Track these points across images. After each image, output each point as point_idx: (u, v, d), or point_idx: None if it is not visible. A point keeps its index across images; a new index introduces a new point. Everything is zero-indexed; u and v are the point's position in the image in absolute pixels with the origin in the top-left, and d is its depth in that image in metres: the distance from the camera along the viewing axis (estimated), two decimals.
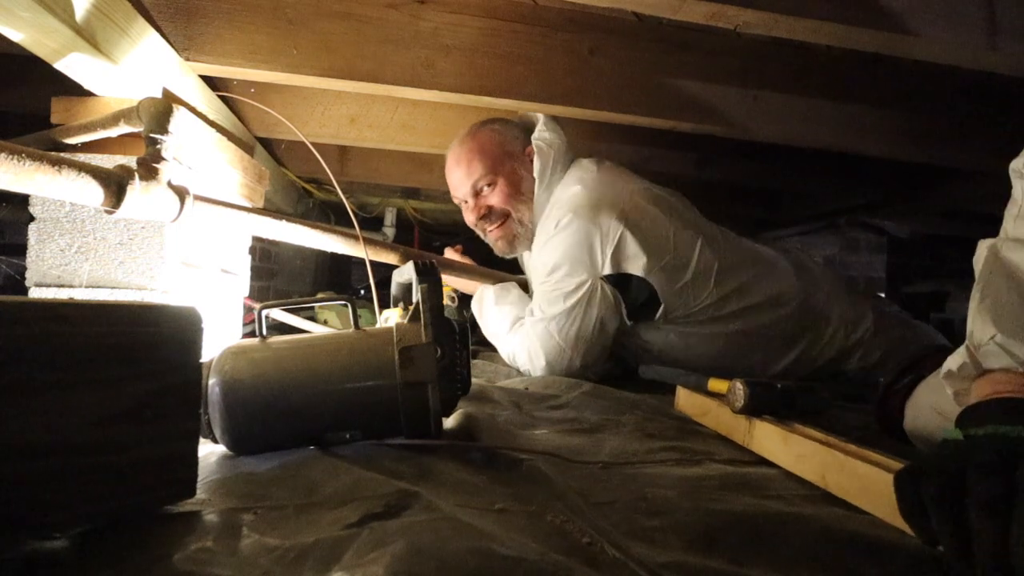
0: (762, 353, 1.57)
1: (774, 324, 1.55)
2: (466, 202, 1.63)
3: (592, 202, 1.46)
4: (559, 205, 1.51)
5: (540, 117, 1.60)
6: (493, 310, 1.60)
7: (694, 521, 0.59)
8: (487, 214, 1.60)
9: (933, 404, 0.88)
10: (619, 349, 1.57)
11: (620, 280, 1.45)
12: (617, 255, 1.43)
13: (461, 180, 1.59)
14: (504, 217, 1.60)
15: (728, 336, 1.52)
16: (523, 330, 1.50)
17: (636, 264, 1.42)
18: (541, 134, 1.58)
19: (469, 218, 1.66)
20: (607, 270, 1.44)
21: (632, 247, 1.42)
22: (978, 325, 0.65)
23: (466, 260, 1.81)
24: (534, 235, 1.58)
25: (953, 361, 0.66)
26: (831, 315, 1.60)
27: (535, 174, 1.56)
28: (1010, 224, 0.70)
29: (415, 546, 0.48)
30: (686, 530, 0.57)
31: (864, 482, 0.65)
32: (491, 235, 1.64)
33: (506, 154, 1.58)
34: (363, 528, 0.52)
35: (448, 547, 0.48)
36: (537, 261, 1.52)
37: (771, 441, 0.83)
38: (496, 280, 1.76)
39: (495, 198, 1.58)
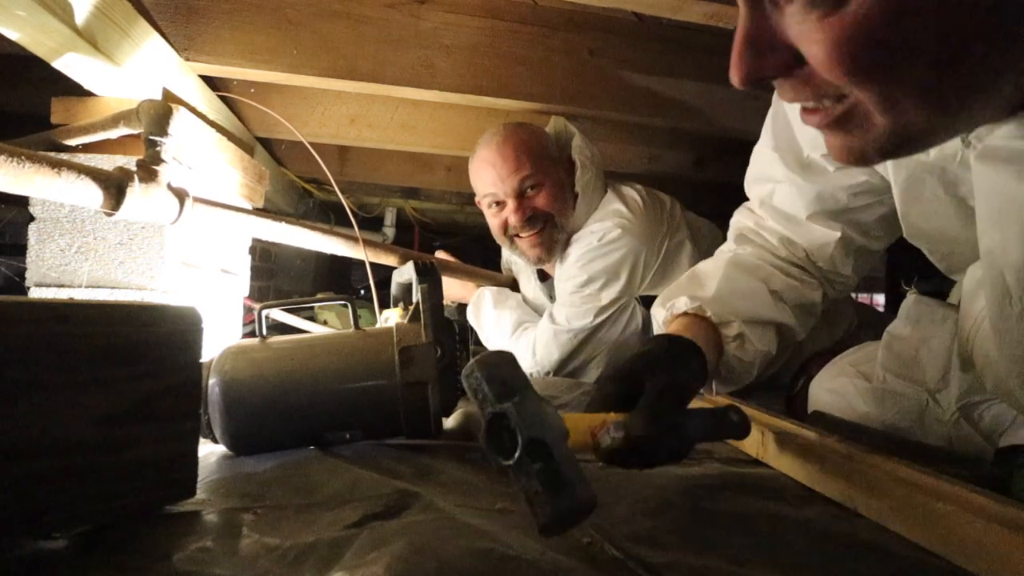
0: None
1: None
2: (502, 203, 1.50)
3: (642, 220, 1.46)
4: (604, 219, 1.47)
5: (574, 132, 1.56)
6: (492, 313, 1.59)
7: (694, 521, 0.59)
8: (532, 216, 1.48)
9: (828, 387, 1.06)
10: None
11: (649, 300, 1.46)
12: (659, 275, 1.46)
13: (505, 176, 1.45)
14: (546, 222, 1.49)
15: None
16: (537, 336, 1.50)
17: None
18: (582, 150, 1.53)
19: (505, 220, 1.51)
20: (645, 290, 1.45)
21: (676, 269, 1.45)
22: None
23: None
24: (567, 245, 1.53)
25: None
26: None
27: (577, 186, 1.50)
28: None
29: (415, 546, 0.48)
30: (686, 530, 0.57)
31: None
32: (527, 241, 1.52)
33: (550, 158, 1.49)
34: (363, 528, 0.52)
35: (448, 547, 0.48)
36: (571, 271, 1.49)
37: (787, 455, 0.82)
38: (490, 281, 1.76)
39: (541, 200, 1.47)
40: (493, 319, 1.58)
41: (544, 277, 1.69)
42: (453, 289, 1.72)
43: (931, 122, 0.41)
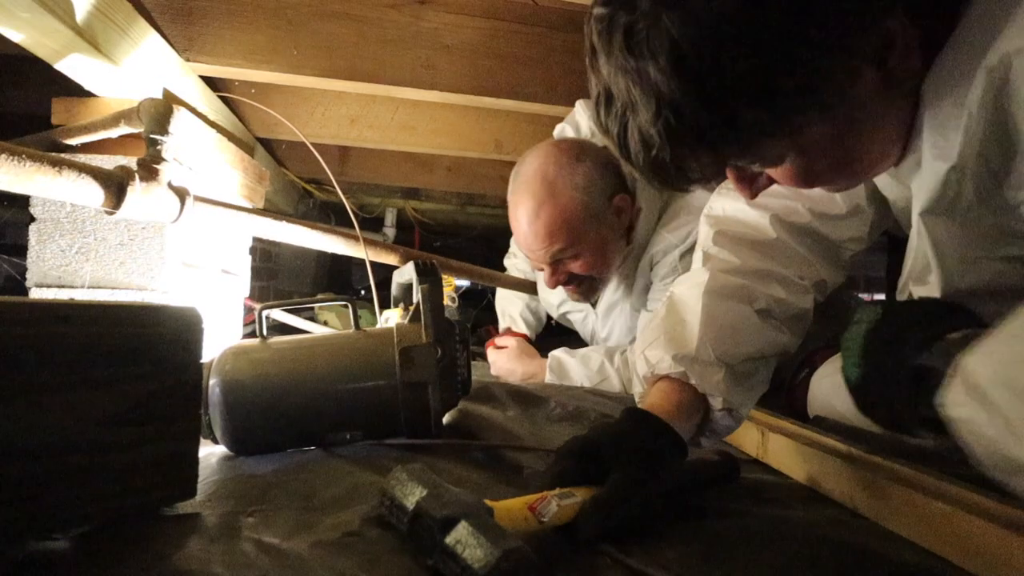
0: None
1: None
2: (541, 268, 1.42)
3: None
4: (679, 223, 1.36)
5: None
6: (573, 362, 1.43)
7: (693, 526, 0.59)
8: (567, 280, 1.39)
9: (831, 381, 1.02)
10: None
11: None
12: None
13: (536, 247, 1.34)
14: (585, 280, 1.40)
15: None
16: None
17: None
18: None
19: (544, 273, 1.42)
20: None
21: None
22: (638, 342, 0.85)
23: (512, 339, 1.62)
24: (608, 281, 1.44)
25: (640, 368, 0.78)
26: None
27: (640, 201, 1.36)
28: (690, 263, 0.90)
29: (416, 558, 0.48)
30: (684, 535, 0.56)
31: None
32: (568, 290, 1.44)
33: (591, 218, 1.31)
34: (362, 534, 0.52)
35: None
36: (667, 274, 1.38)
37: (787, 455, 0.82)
38: (490, 280, 1.75)
39: (578, 267, 1.36)
40: (577, 363, 1.42)
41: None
42: (523, 368, 1.53)
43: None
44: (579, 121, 1.44)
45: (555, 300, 1.64)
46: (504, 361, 1.53)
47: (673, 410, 0.70)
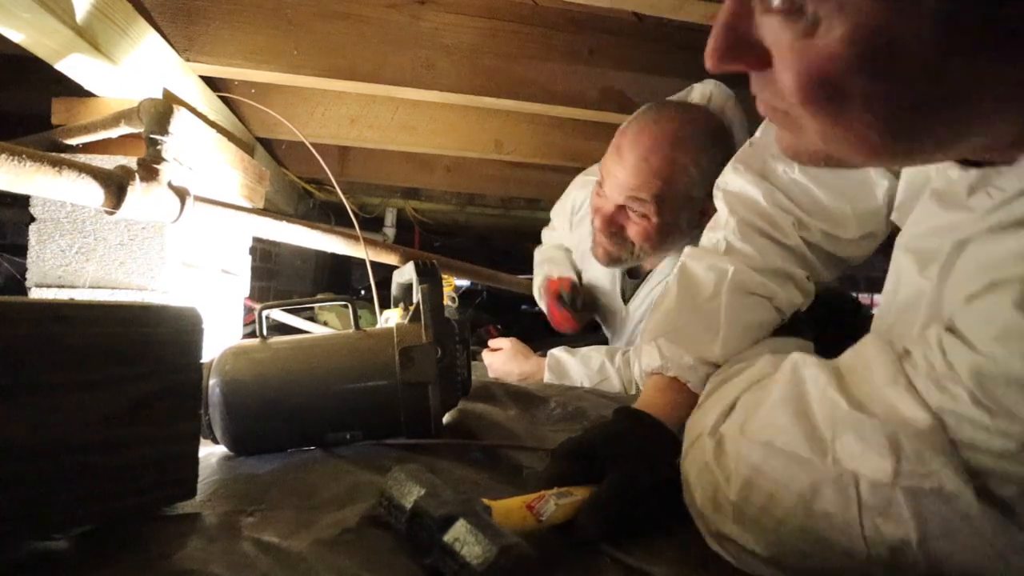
0: None
1: None
2: (602, 187, 1.28)
3: None
4: None
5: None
6: (573, 361, 1.38)
7: (692, 526, 0.59)
8: (615, 232, 1.29)
9: None
10: None
11: None
12: None
13: (625, 177, 1.21)
14: (626, 244, 1.31)
15: None
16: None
17: None
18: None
19: (595, 203, 1.32)
20: None
21: None
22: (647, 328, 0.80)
23: (506, 340, 1.56)
24: (640, 261, 1.38)
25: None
26: None
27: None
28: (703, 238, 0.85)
29: (415, 560, 0.48)
30: (683, 541, 0.56)
31: None
32: (600, 240, 1.34)
33: (685, 198, 1.22)
34: (362, 533, 0.52)
35: None
36: None
37: None
38: (490, 280, 1.75)
39: (634, 229, 1.26)
40: (577, 363, 1.38)
41: (633, 275, 1.48)
42: (519, 368, 1.48)
43: (864, 163, 0.50)
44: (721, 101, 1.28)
45: (594, 274, 1.56)
46: (501, 363, 1.51)
47: (668, 408, 0.70)
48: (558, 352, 1.42)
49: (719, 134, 1.24)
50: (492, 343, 1.58)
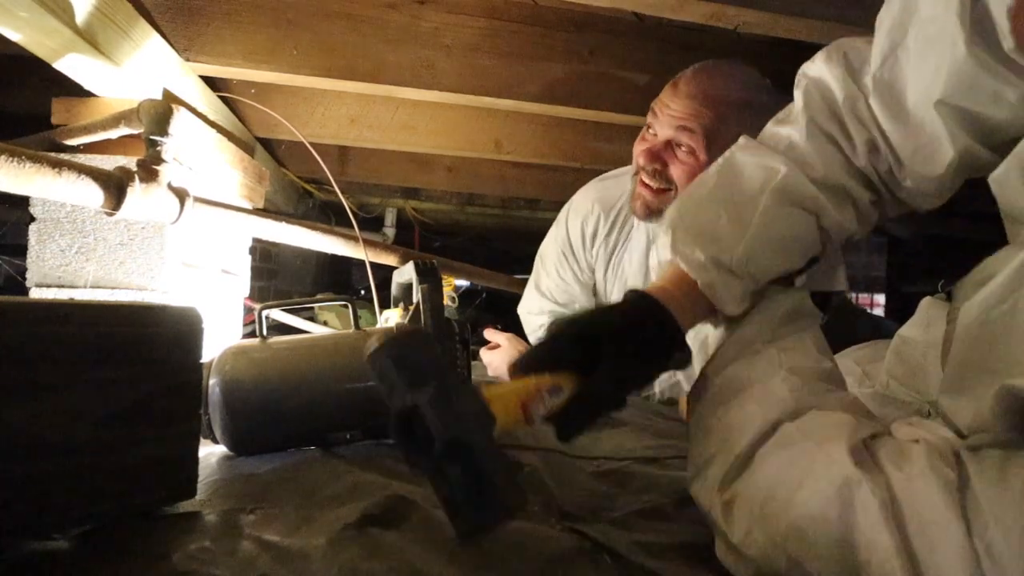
0: None
1: None
2: (651, 128, 1.26)
3: None
4: None
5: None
6: None
7: (693, 535, 0.59)
8: (658, 170, 1.25)
9: None
10: None
11: None
12: None
13: (681, 105, 1.20)
14: (667, 190, 1.27)
15: None
16: None
17: None
18: None
19: (640, 146, 1.28)
20: None
21: None
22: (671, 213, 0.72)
23: (502, 336, 1.54)
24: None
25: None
26: None
27: None
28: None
29: (414, 555, 0.48)
30: (683, 544, 0.56)
31: None
32: (640, 189, 1.30)
33: (733, 138, 1.25)
34: (362, 531, 0.52)
35: (444, 557, 0.49)
36: None
37: None
38: (490, 280, 1.74)
39: (678, 169, 1.22)
40: None
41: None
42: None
43: None
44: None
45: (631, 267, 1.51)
46: (499, 361, 1.50)
47: (682, 299, 0.64)
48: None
49: (772, 90, 1.23)
50: (488, 335, 1.56)
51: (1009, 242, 0.56)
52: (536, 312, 1.63)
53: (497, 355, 1.52)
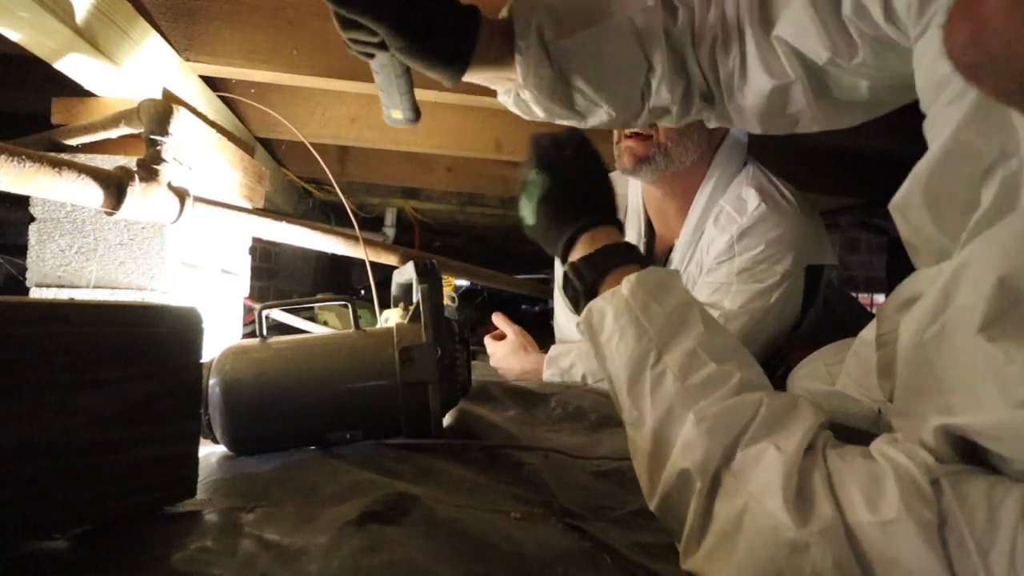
0: None
1: None
2: None
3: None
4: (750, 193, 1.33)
5: None
6: (574, 355, 1.35)
7: None
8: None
9: (800, 385, 1.02)
10: None
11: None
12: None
13: None
14: (649, 136, 1.31)
15: None
16: None
17: None
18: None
19: None
20: None
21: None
22: None
23: (511, 328, 1.53)
24: (666, 169, 1.33)
25: None
26: None
27: (721, 147, 1.35)
28: None
29: (415, 551, 0.48)
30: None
31: None
32: (627, 143, 1.34)
33: None
34: (362, 530, 0.52)
35: (446, 552, 0.49)
36: (725, 247, 1.31)
37: None
38: (490, 280, 1.74)
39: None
40: (580, 358, 1.35)
41: (655, 259, 1.46)
42: (520, 365, 1.45)
43: None
44: None
45: None
46: (503, 355, 1.49)
47: (494, 25, 0.69)
48: (560, 346, 1.42)
49: None
50: (497, 320, 1.54)
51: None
52: (564, 321, 1.61)
53: (501, 348, 1.51)
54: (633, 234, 1.48)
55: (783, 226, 1.28)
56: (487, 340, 1.57)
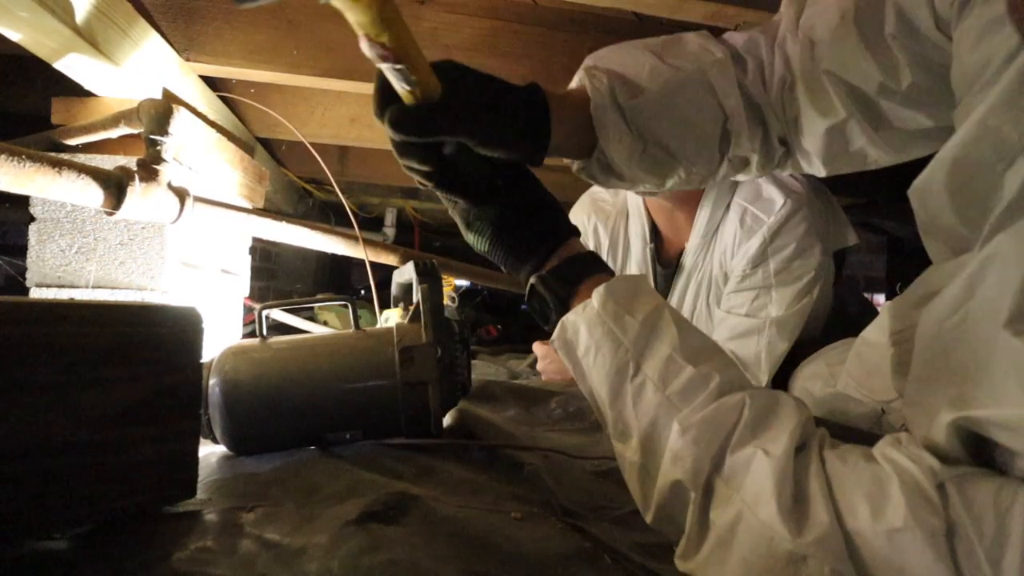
0: None
1: None
2: None
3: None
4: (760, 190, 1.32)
5: None
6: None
7: None
8: None
9: (801, 385, 1.06)
10: None
11: None
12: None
13: None
14: None
15: None
16: (743, 346, 1.31)
17: None
18: None
19: None
20: None
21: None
22: None
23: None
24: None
25: None
26: None
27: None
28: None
29: (415, 550, 0.48)
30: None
31: None
32: None
33: None
34: (362, 530, 0.52)
35: (446, 552, 0.48)
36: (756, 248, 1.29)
37: None
38: (491, 281, 1.74)
39: None
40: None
41: (664, 264, 1.45)
42: (563, 375, 1.46)
43: None
44: None
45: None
46: (554, 370, 1.48)
47: (567, 102, 0.66)
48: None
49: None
50: (537, 349, 1.55)
51: (933, 262, 0.56)
52: None
53: (551, 351, 1.50)
54: (638, 240, 1.47)
55: (808, 219, 1.26)
56: (536, 345, 1.57)
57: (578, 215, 1.58)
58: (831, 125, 0.66)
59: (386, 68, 0.49)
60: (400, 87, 0.51)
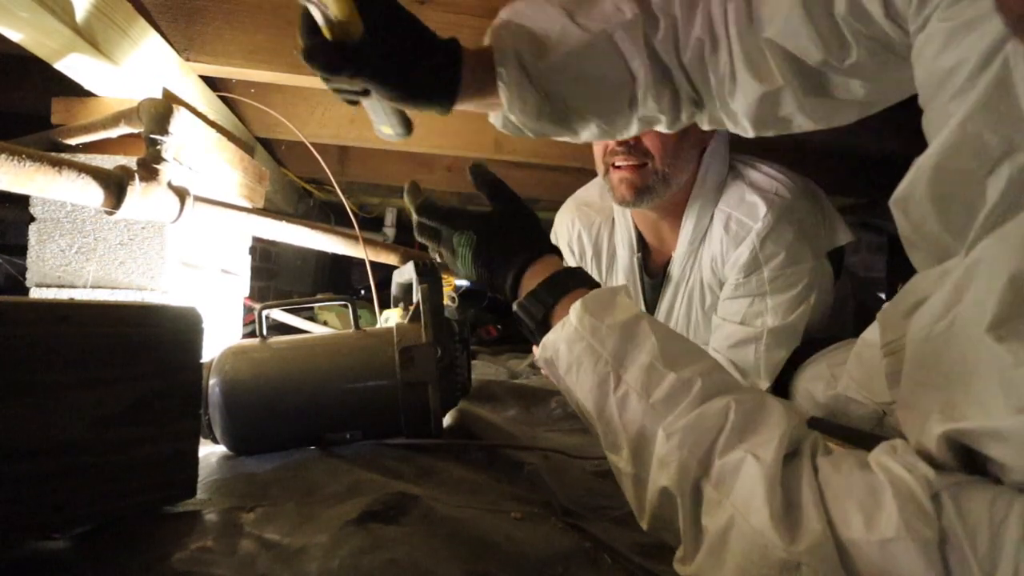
0: None
1: None
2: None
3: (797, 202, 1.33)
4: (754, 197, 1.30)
5: None
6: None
7: None
8: (632, 144, 1.25)
9: (802, 386, 1.08)
10: None
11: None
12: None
13: None
14: (645, 164, 1.26)
15: None
16: (744, 357, 1.30)
17: None
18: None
19: (607, 143, 1.29)
20: None
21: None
22: None
23: None
24: (665, 194, 1.28)
25: None
26: None
27: (708, 148, 1.31)
28: None
29: (415, 550, 0.48)
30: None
31: None
32: (619, 173, 1.28)
33: None
34: (362, 529, 0.52)
35: (446, 552, 0.48)
36: (745, 258, 1.28)
37: None
38: None
39: (650, 138, 1.24)
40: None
41: (652, 274, 1.44)
42: None
43: None
44: None
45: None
46: None
47: (476, 56, 0.70)
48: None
49: None
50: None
51: (917, 271, 0.56)
52: None
53: None
54: (624, 250, 1.46)
55: (794, 224, 1.26)
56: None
57: (562, 219, 1.57)
58: (766, 91, 0.67)
59: (309, 4, 0.52)
60: (322, 22, 0.53)
